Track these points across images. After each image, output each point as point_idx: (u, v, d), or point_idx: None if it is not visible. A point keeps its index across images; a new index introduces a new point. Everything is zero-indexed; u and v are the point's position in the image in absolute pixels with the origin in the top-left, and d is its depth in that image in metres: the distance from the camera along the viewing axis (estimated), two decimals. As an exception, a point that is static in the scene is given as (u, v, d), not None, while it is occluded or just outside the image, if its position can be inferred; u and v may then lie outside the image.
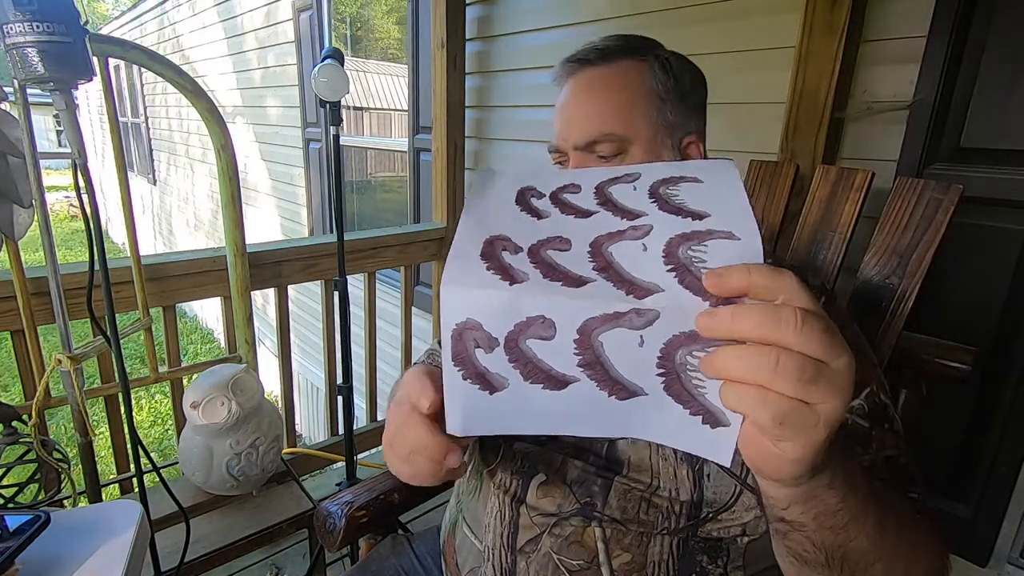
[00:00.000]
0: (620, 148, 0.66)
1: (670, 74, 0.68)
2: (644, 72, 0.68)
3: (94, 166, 7.10)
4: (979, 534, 1.18)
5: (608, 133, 0.65)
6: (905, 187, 0.82)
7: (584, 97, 0.68)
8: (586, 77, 0.68)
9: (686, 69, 0.70)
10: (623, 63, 0.68)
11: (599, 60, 0.68)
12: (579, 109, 0.68)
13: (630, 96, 0.67)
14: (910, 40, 1.14)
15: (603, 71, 0.68)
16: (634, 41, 0.70)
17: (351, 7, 4.58)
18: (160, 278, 1.41)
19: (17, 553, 0.64)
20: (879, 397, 0.58)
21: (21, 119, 1.03)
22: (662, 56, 0.69)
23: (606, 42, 0.69)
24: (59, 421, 4.03)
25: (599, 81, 0.68)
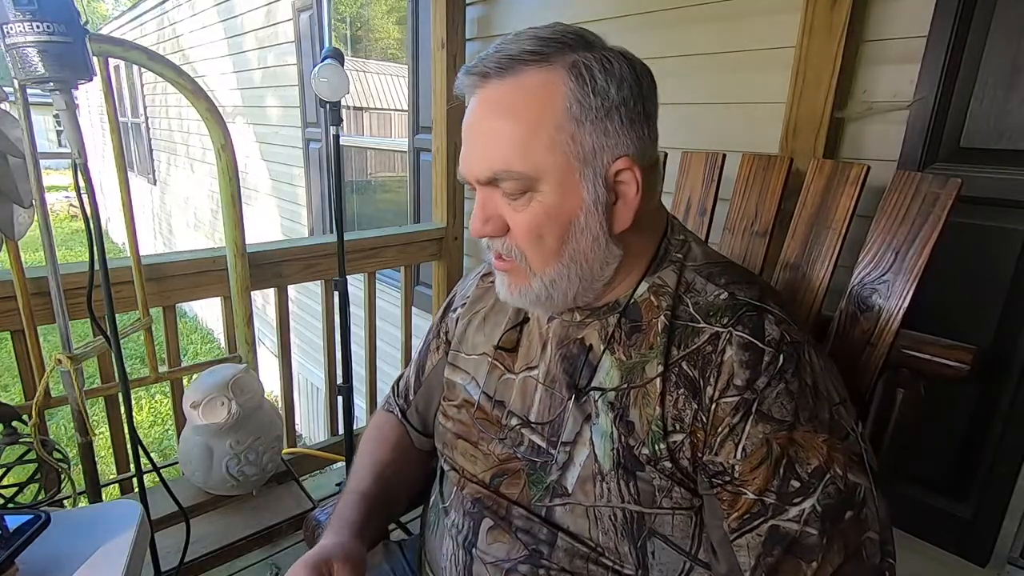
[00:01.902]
0: (527, 186, 0.56)
1: (589, 86, 0.55)
2: (555, 87, 0.55)
3: (94, 166, 7.10)
4: (979, 534, 1.18)
5: (508, 171, 0.56)
6: (903, 181, 0.81)
7: (482, 125, 0.58)
8: (485, 97, 0.57)
9: (615, 74, 0.56)
10: (530, 75, 0.55)
11: (500, 72, 0.56)
12: (477, 139, 0.58)
13: (533, 123, 0.55)
14: (910, 40, 1.14)
15: (504, 89, 0.56)
16: (549, 41, 0.56)
17: (351, 7, 4.58)
18: (160, 278, 1.41)
19: (17, 553, 0.64)
20: (846, 478, 0.52)
21: (21, 119, 1.03)
22: (583, 61, 0.55)
23: (513, 45, 0.56)
24: (59, 421, 4.03)
25: (498, 104, 0.56)
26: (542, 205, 0.57)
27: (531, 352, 0.70)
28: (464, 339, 0.78)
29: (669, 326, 0.60)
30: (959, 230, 1.08)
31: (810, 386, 0.54)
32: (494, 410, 0.71)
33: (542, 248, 0.59)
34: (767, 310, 0.58)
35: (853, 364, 0.80)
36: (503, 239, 0.61)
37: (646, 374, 0.60)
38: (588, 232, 0.58)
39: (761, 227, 0.99)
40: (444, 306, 0.86)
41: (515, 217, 0.58)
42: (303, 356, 4.04)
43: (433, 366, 0.84)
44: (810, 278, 0.90)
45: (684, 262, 0.64)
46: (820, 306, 0.89)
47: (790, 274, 0.93)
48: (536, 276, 0.60)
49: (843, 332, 0.83)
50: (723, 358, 0.56)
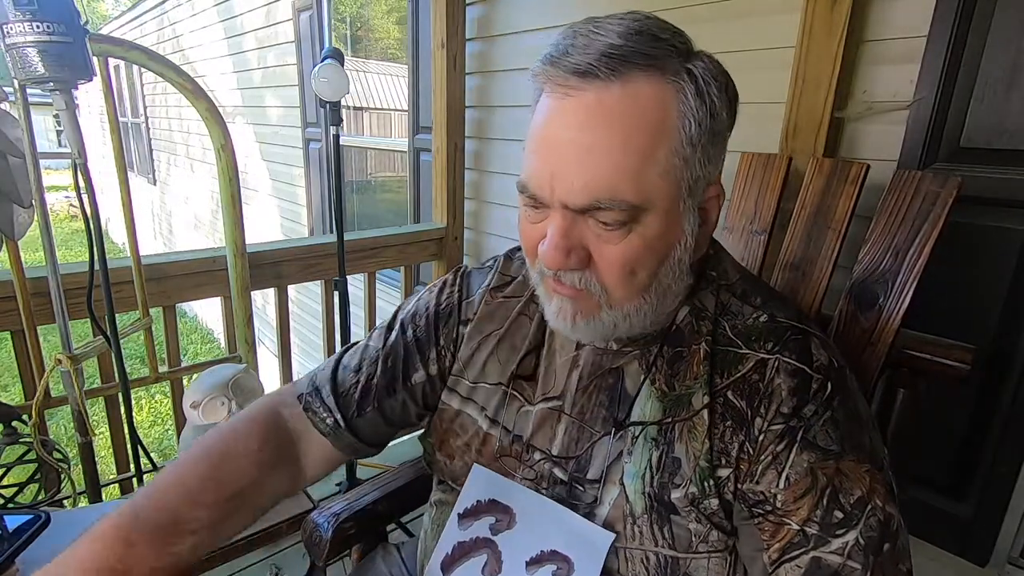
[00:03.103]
0: (630, 217, 0.48)
1: (708, 105, 0.48)
2: (674, 102, 0.47)
3: (94, 166, 7.14)
4: (979, 534, 1.18)
5: (615, 199, 0.47)
6: (902, 180, 0.80)
7: (584, 138, 0.47)
8: (589, 102, 0.46)
9: (722, 87, 0.50)
10: (643, 83, 0.46)
11: (610, 74, 0.46)
12: (576, 156, 0.47)
13: (651, 143, 0.47)
14: (910, 40, 1.13)
15: (615, 96, 0.46)
16: (661, 40, 0.47)
17: (351, 7, 4.59)
18: (160, 278, 1.41)
19: (17, 553, 0.64)
20: (885, 509, 0.50)
21: (21, 119, 1.03)
22: (700, 75, 0.48)
23: (617, 40, 0.46)
24: (59, 421, 4.03)
25: (609, 115, 0.46)
26: (643, 238, 0.49)
27: (550, 380, 0.64)
28: (471, 365, 0.68)
29: (711, 353, 0.56)
30: (959, 230, 1.08)
31: (854, 415, 0.52)
32: (513, 445, 0.64)
33: (632, 283, 0.52)
34: (811, 333, 0.55)
35: (853, 364, 0.80)
36: (581, 272, 0.52)
37: (692, 406, 0.56)
38: (679, 263, 0.53)
39: (760, 226, 0.99)
40: (441, 311, 0.72)
41: (606, 249, 0.50)
42: (303, 356, 4.04)
43: (426, 378, 0.70)
44: (810, 277, 0.90)
45: (719, 281, 0.60)
46: (820, 305, 0.89)
47: (790, 273, 0.93)
48: (612, 309, 0.53)
49: (843, 331, 0.82)
50: (772, 386, 0.53)
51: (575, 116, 0.47)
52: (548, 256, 0.50)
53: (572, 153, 0.48)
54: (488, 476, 0.65)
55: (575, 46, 0.47)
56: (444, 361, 0.71)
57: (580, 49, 0.47)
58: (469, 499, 0.66)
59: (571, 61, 0.47)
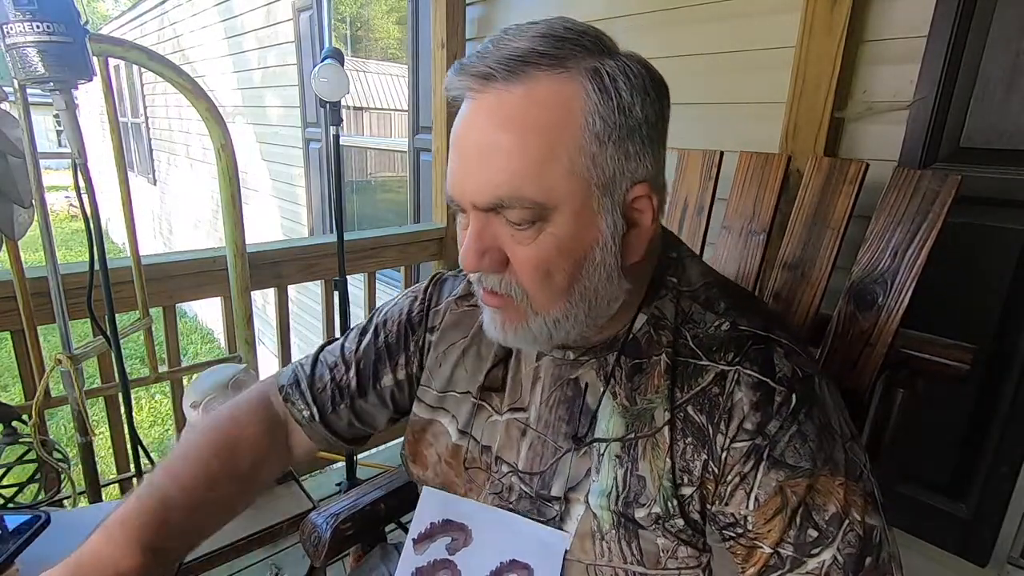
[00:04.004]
0: (537, 216, 0.48)
1: (614, 100, 0.47)
2: (576, 99, 0.47)
3: (94, 166, 7.14)
4: (979, 534, 1.18)
5: (518, 197, 0.47)
6: (902, 178, 0.80)
7: (485, 139, 0.48)
8: (489, 105, 0.47)
9: (639, 87, 0.49)
10: (544, 82, 0.46)
11: (508, 76, 0.46)
12: (478, 156, 0.48)
13: (551, 141, 0.47)
14: (910, 40, 1.14)
15: (514, 97, 0.47)
16: (564, 42, 0.47)
17: (351, 7, 4.59)
18: (160, 278, 1.41)
19: (17, 553, 0.64)
20: (864, 522, 0.48)
21: (21, 119, 1.03)
22: (605, 70, 0.47)
23: (520, 42, 0.47)
24: (59, 421, 4.03)
25: (508, 116, 0.47)
26: (554, 238, 0.49)
27: (518, 391, 0.63)
28: (438, 374, 0.69)
29: (672, 365, 0.55)
30: (959, 230, 1.08)
31: (824, 426, 0.50)
32: (483, 455, 0.64)
33: (549, 286, 0.51)
34: (774, 341, 0.53)
35: (852, 364, 0.80)
36: (500, 275, 0.52)
37: (655, 422, 0.54)
38: (602, 267, 0.51)
39: (759, 226, 0.98)
40: (412, 318, 0.73)
41: (519, 251, 0.50)
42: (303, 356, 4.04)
43: (394, 383, 0.72)
44: (809, 277, 0.90)
45: (679, 287, 0.58)
46: (819, 305, 0.89)
47: (789, 273, 0.92)
48: (537, 315, 0.53)
49: (842, 331, 0.82)
50: (732, 401, 0.51)
51: (478, 119, 0.48)
52: (463, 258, 0.51)
53: (476, 154, 0.49)
54: (439, 497, 0.66)
55: (482, 53, 0.48)
56: (412, 367, 0.72)
57: (485, 55, 0.48)
58: (422, 523, 0.65)
59: (474, 68, 0.48)
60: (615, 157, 0.48)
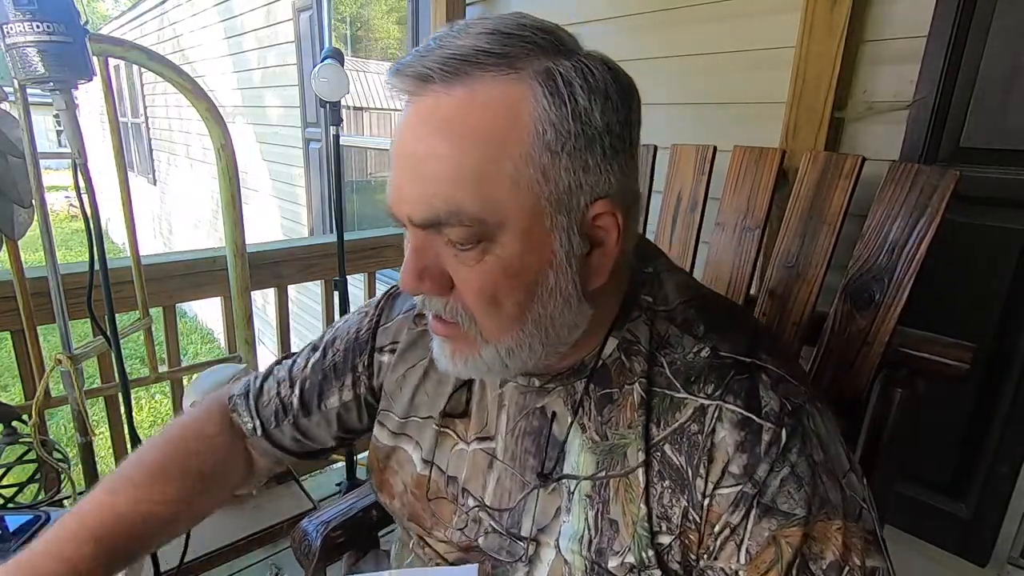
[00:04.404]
0: (480, 234, 0.42)
1: (569, 106, 0.41)
2: (524, 104, 0.41)
3: (94, 166, 7.15)
4: (979, 534, 1.18)
5: (456, 213, 0.42)
6: (899, 173, 0.77)
7: (421, 147, 0.42)
8: (425, 109, 0.42)
9: (600, 91, 0.43)
10: (489, 85, 0.41)
11: (447, 77, 0.41)
12: (414, 166, 0.43)
13: (494, 150, 0.41)
14: (910, 40, 1.13)
15: (453, 101, 0.41)
16: (514, 39, 0.42)
17: (351, 7, 4.58)
18: (160, 278, 1.41)
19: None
20: (864, 566, 0.44)
21: (21, 119, 1.03)
22: (559, 71, 0.42)
23: (464, 40, 0.42)
24: (59, 421, 4.02)
25: (445, 121, 0.41)
26: (500, 260, 0.43)
27: (484, 418, 0.59)
28: (398, 398, 0.64)
29: (646, 397, 0.49)
30: (959, 230, 1.08)
31: (818, 463, 0.45)
32: (449, 487, 0.60)
33: (497, 313, 0.46)
34: (759, 368, 0.48)
35: (849, 363, 0.79)
36: (445, 298, 0.47)
37: (628, 461, 0.49)
38: (558, 292, 0.45)
39: (753, 222, 0.96)
40: (360, 336, 0.69)
41: (463, 273, 0.45)
42: (303, 356, 4.03)
43: (340, 404, 0.69)
44: (804, 274, 0.88)
45: (655, 306, 0.52)
46: (815, 303, 0.87)
47: (784, 271, 0.91)
48: (488, 344, 0.47)
49: (838, 330, 0.81)
50: (713, 440, 0.46)
51: (414, 124, 0.43)
52: (402, 279, 0.46)
53: (411, 164, 0.43)
54: None
55: (422, 52, 0.43)
56: (359, 387, 0.69)
57: (425, 54, 0.42)
58: None
59: (411, 68, 0.42)
60: (570, 170, 0.43)
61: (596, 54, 0.45)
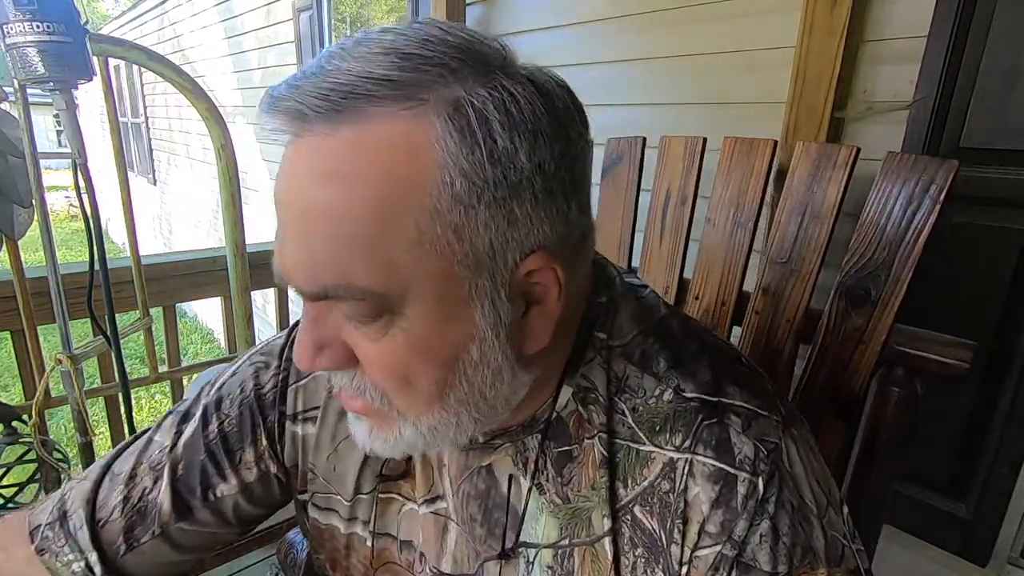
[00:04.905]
0: (379, 309, 0.35)
1: (484, 148, 0.33)
2: (427, 148, 0.33)
3: (94, 166, 7.15)
4: (979, 534, 1.18)
5: (347, 286, 0.34)
6: (895, 163, 0.74)
7: (301, 201, 0.35)
8: (307, 152, 0.34)
9: (527, 124, 0.34)
10: (384, 122, 0.33)
11: (330, 115, 0.33)
12: (295, 225, 0.36)
13: (388, 207, 0.33)
14: (910, 40, 1.13)
15: (340, 144, 0.33)
16: (417, 61, 0.33)
17: (351, 7, 4.58)
18: (160, 278, 1.41)
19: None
20: None
21: (21, 119, 1.03)
22: (472, 102, 0.33)
23: (353, 64, 0.33)
24: (59, 421, 4.02)
25: (332, 172, 0.33)
26: (407, 335, 0.36)
27: (429, 476, 0.51)
28: (339, 480, 0.54)
29: (608, 455, 0.44)
30: (959, 230, 1.09)
31: (797, 508, 0.41)
32: (403, 554, 0.53)
33: (411, 393, 0.39)
34: (729, 408, 0.43)
35: (844, 362, 0.77)
36: (351, 371, 0.40)
37: (593, 528, 0.44)
38: (485, 366, 0.38)
39: (744, 217, 0.91)
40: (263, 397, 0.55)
41: (365, 348, 0.37)
42: (303, 356, 4.04)
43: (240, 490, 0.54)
44: (798, 271, 0.85)
45: (610, 343, 0.46)
46: (809, 300, 0.84)
47: (777, 267, 0.88)
48: (407, 421, 0.40)
49: (833, 329, 0.79)
50: (686, 498, 0.42)
51: (294, 172, 0.35)
52: (295, 355, 0.39)
53: (292, 220, 0.36)
54: None
55: (295, 81, 0.34)
56: (266, 464, 0.54)
57: (297, 84, 0.34)
58: None
59: (284, 102, 0.33)
60: (491, 225, 0.34)
61: (526, 71, 0.36)
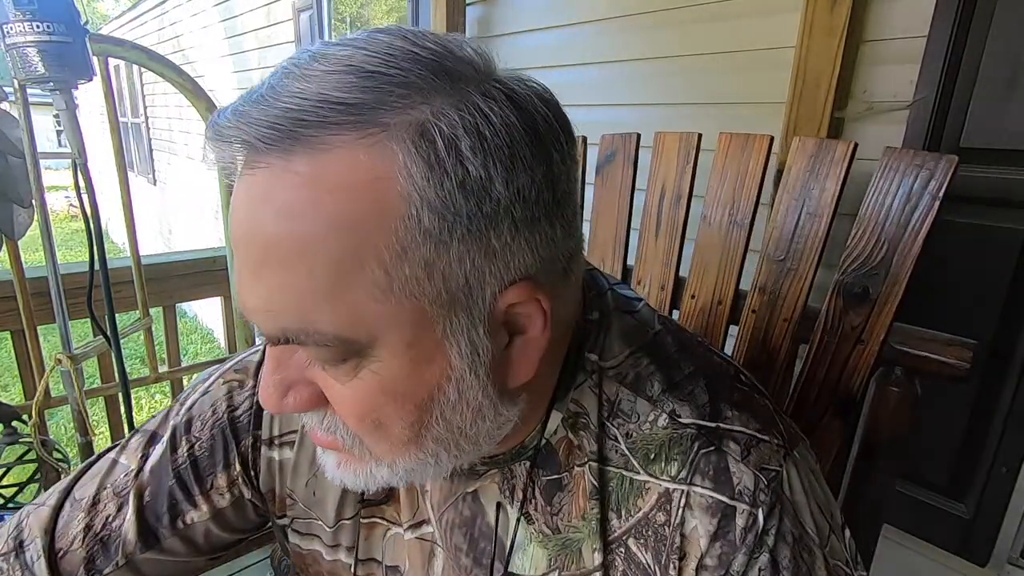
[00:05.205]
0: (346, 353, 0.33)
1: (454, 178, 0.30)
2: (390, 180, 0.30)
3: (94, 166, 7.13)
4: (979, 534, 1.18)
5: (311, 332, 0.32)
6: (892, 159, 0.73)
7: (259, 238, 0.32)
8: (261, 187, 0.31)
9: (498, 148, 0.31)
10: (342, 153, 0.30)
11: (282, 146, 0.30)
12: (252, 263, 0.32)
13: (355, 249, 0.30)
14: (910, 40, 1.13)
15: (296, 179, 0.30)
16: (378, 80, 0.30)
17: (351, 7, 4.58)
18: (160, 278, 1.41)
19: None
20: None
21: (21, 119, 1.03)
22: (439, 127, 0.30)
23: (310, 82, 0.30)
24: (59, 421, 4.02)
25: (287, 210, 0.30)
26: (379, 378, 0.34)
27: (414, 500, 0.49)
28: (320, 506, 0.52)
29: (599, 485, 0.42)
30: (959, 230, 1.09)
31: (798, 540, 0.40)
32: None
33: (385, 436, 0.36)
34: (727, 434, 0.41)
35: (842, 363, 0.77)
36: (321, 411, 0.37)
37: (583, 561, 0.43)
38: (464, 405, 0.36)
39: (740, 214, 0.90)
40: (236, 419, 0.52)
41: (335, 391, 0.35)
42: (303, 356, 4.04)
43: (211, 516, 0.52)
44: (794, 269, 0.83)
45: (602, 363, 0.43)
46: (806, 300, 0.83)
47: (773, 265, 0.86)
48: (381, 463, 0.38)
49: (831, 328, 0.78)
50: (683, 531, 0.40)
51: (243, 209, 0.32)
52: (261, 396, 0.37)
53: (248, 261, 0.33)
54: None
55: (245, 105, 0.31)
56: (239, 490, 0.52)
57: (247, 109, 0.30)
58: None
59: (230, 129, 0.30)
60: (465, 260, 0.31)
61: (504, 86, 0.33)
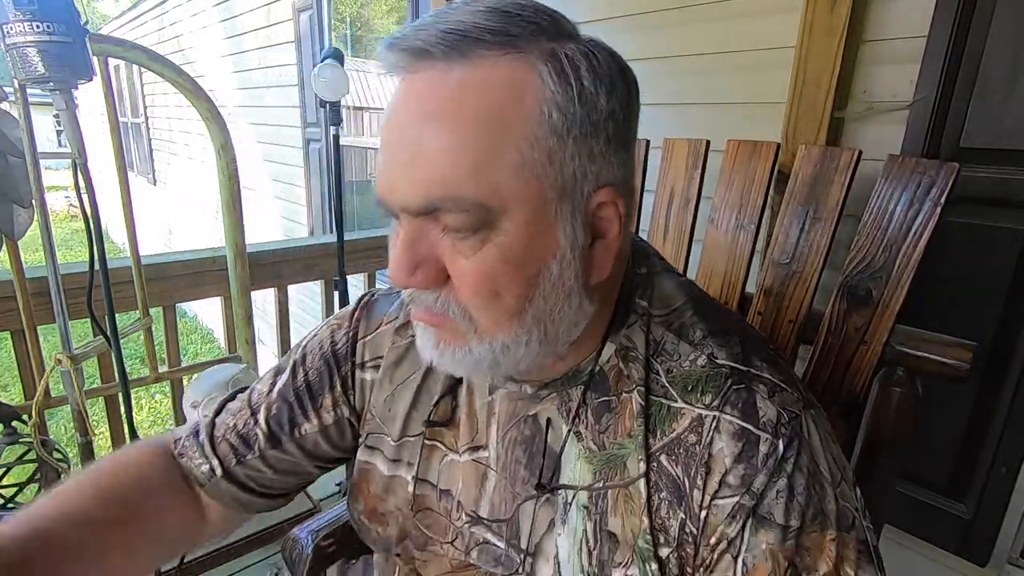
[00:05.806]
0: (480, 222, 0.40)
1: (575, 89, 0.40)
2: (529, 84, 0.39)
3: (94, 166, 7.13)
4: (979, 534, 1.18)
5: (457, 198, 0.39)
6: (896, 166, 0.76)
7: (417, 129, 0.40)
8: (422, 87, 0.40)
9: (605, 77, 0.42)
10: (491, 64, 0.39)
11: (448, 53, 0.39)
12: (408, 149, 0.40)
13: (497, 131, 0.39)
14: (910, 40, 1.13)
15: (453, 79, 0.39)
16: (517, 19, 0.40)
17: (351, 7, 4.58)
18: (160, 278, 1.41)
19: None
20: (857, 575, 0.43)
21: (21, 119, 1.03)
22: (565, 53, 0.41)
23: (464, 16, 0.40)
24: (59, 421, 4.02)
25: (447, 101, 0.39)
26: (500, 249, 0.41)
27: (474, 427, 0.56)
28: (391, 421, 0.60)
29: (644, 406, 0.48)
30: (959, 230, 1.09)
31: (813, 474, 0.44)
32: (441, 502, 0.57)
33: (496, 306, 0.43)
34: (756, 377, 0.47)
35: (846, 363, 0.78)
36: (437, 292, 0.43)
37: (628, 471, 0.48)
38: (561, 286, 0.43)
39: (747, 219, 0.93)
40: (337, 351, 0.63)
41: (460, 263, 0.42)
42: (303, 356, 4.03)
43: (319, 429, 0.62)
44: (800, 272, 0.86)
45: (650, 310, 0.51)
46: (811, 302, 0.85)
47: (779, 268, 0.89)
48: (482, 340, 0.44)
49: (835, 329, 0.80)
50: (711, 451, 0.45)
51: (409, 104, 0.41)
52: (392, 271, 0.43)
53: (406, 147, 0.40)
54: None
55: (418, 26, 0.40)
56: (340, 410, 0.62)
57: (422, 28, 0.40)
58: None
59: (406, 42, 0.40)
60: (576, 156, 0.41)
61: (597, 41, 0.44)
